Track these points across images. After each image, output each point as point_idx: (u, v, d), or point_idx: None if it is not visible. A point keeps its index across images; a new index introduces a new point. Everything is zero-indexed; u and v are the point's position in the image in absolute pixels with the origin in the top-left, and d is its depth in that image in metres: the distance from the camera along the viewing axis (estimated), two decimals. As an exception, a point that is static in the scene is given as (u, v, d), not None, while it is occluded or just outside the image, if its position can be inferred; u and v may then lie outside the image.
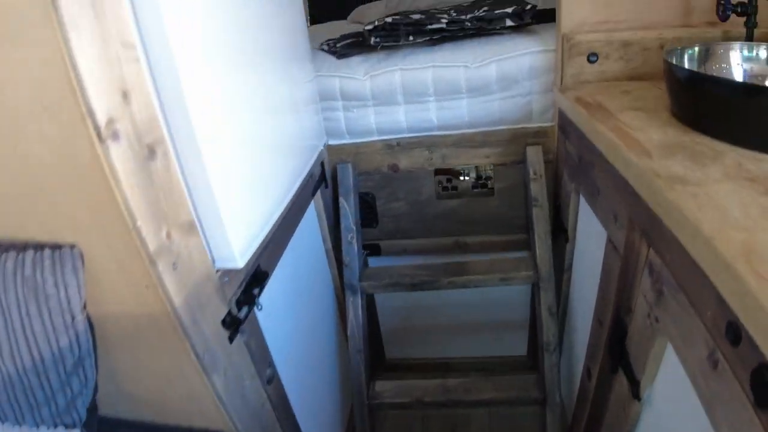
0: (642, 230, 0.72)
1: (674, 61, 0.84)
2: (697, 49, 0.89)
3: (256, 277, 0.83)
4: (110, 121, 0.54)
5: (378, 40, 1.19)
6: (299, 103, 1.08)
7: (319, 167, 1.20)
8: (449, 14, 1.20)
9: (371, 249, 1.38)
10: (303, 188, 1.05)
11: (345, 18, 2.52)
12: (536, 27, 1.25)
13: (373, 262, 1.44)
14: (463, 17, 1.17)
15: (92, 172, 0.55)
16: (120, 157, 0.55)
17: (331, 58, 1.27)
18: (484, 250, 1.36)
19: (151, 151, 0.60)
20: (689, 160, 0.67)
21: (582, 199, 1.07)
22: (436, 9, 1.37)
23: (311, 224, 1.21)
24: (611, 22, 1.09)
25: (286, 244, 0.99)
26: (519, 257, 1.25)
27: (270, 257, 0.89)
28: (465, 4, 1.44)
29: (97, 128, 0.52)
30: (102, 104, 0.52)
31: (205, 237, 0.72)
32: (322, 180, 1.21)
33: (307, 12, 2.70)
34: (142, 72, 0.59)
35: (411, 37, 1.18)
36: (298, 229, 1.06)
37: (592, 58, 1.07)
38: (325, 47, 1.39)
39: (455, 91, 1.19)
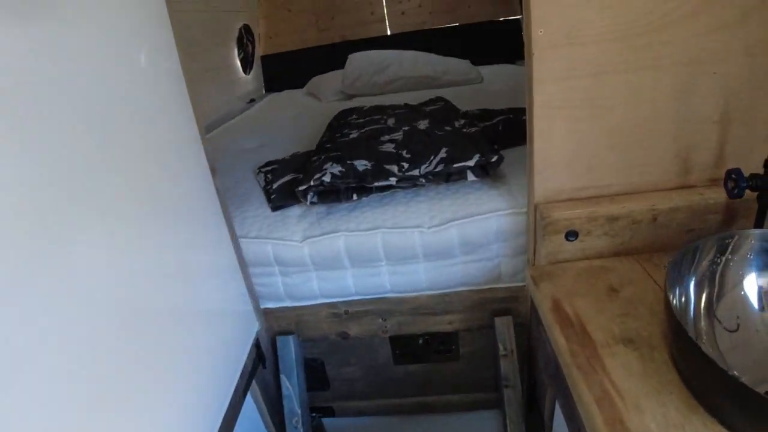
0: None
1: (679, 301, 0.68)
2: (705, 257, 0.72)
3: None
4: None
5: (315, 200, 0.99)
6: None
7: (253, 351, 1.00)
8: (401, 166, 1.00)
9: (323, 412, 1.21)
10: (230, 406, 0.85)
11: (302, 87, 2.30)
12: (504, 167, 1.06)
13: (329, 420, 1.26)
14: (416, 173, 0.98)
15: None
16: None
17: (263, 212, 1.06)
18: (450, 410, 1.19)
19: None
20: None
21: (559, 408, 0.91)
22: (388, 141, 1.17)
23: (249, 412, 1.03)
24: (594, 187, 0.91)
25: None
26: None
27: None
28: (422, 127, 1.24)
29: None
30: None
31: None
32: (258, 363, 1.02)
33: (261, 80, 2.46)
34: None
35: (355, 196, 0.99)
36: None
37: (570, 237, 0.89)
38: (261, 181, 1.19)
39: (410, 257, 1.00)
